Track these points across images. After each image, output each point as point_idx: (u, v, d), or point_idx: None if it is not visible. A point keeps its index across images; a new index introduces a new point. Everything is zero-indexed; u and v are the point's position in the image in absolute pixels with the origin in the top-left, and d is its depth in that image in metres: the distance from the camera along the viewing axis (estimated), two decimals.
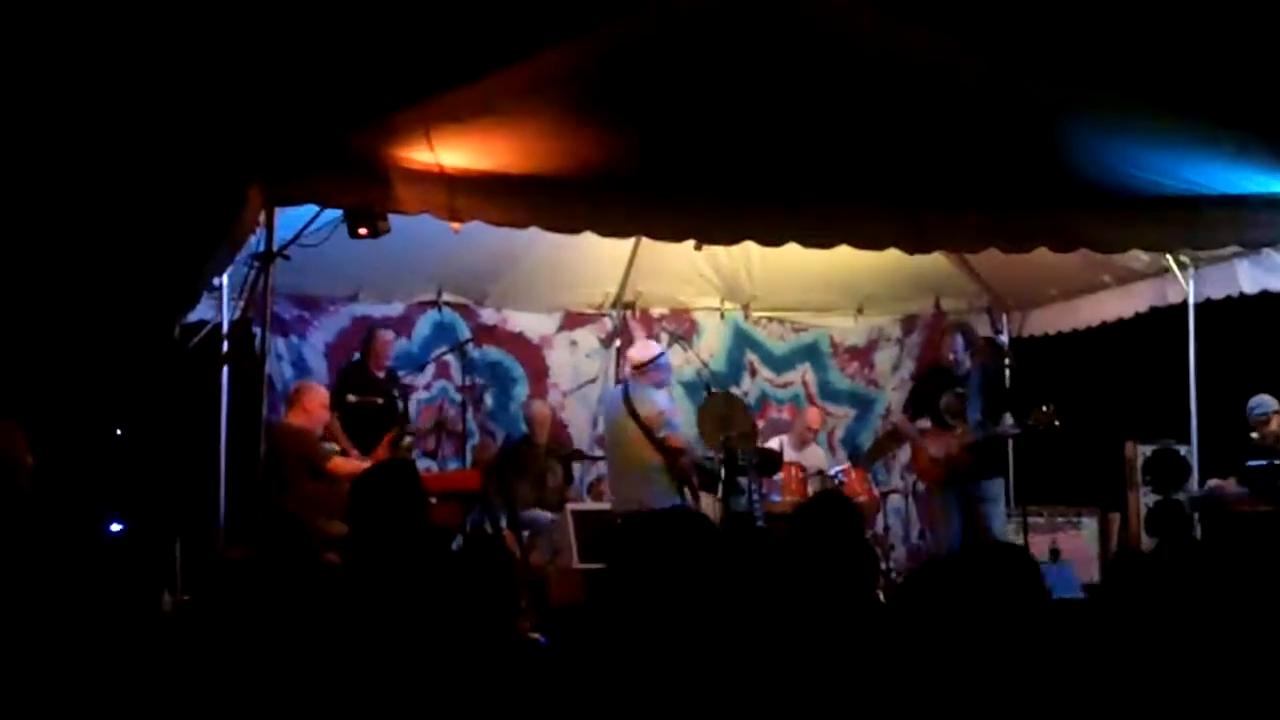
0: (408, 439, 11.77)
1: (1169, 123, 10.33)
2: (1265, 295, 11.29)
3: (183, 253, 11.29)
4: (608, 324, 14.57)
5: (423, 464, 12.31)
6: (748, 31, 10.17)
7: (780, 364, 15.02)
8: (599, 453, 13.57)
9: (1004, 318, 14.55)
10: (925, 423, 11.82)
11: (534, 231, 9.14)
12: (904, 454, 14.48)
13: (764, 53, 10.02)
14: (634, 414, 11.53)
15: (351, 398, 12.10)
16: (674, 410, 11.78)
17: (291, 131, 9.82)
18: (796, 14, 10.35)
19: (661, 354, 11.78)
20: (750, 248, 11.88)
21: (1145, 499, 13.08)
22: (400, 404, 12.64)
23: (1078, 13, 15.61)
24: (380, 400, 12.37)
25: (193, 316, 11.38)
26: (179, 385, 11.27)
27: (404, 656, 5.09)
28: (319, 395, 11.27)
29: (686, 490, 11.57)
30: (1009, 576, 4.94)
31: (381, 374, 12.65)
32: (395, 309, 13.68)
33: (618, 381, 13.68)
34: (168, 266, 12.06)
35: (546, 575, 11.52)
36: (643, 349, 11.95)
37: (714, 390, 12.10)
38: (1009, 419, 11.24)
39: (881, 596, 9.46)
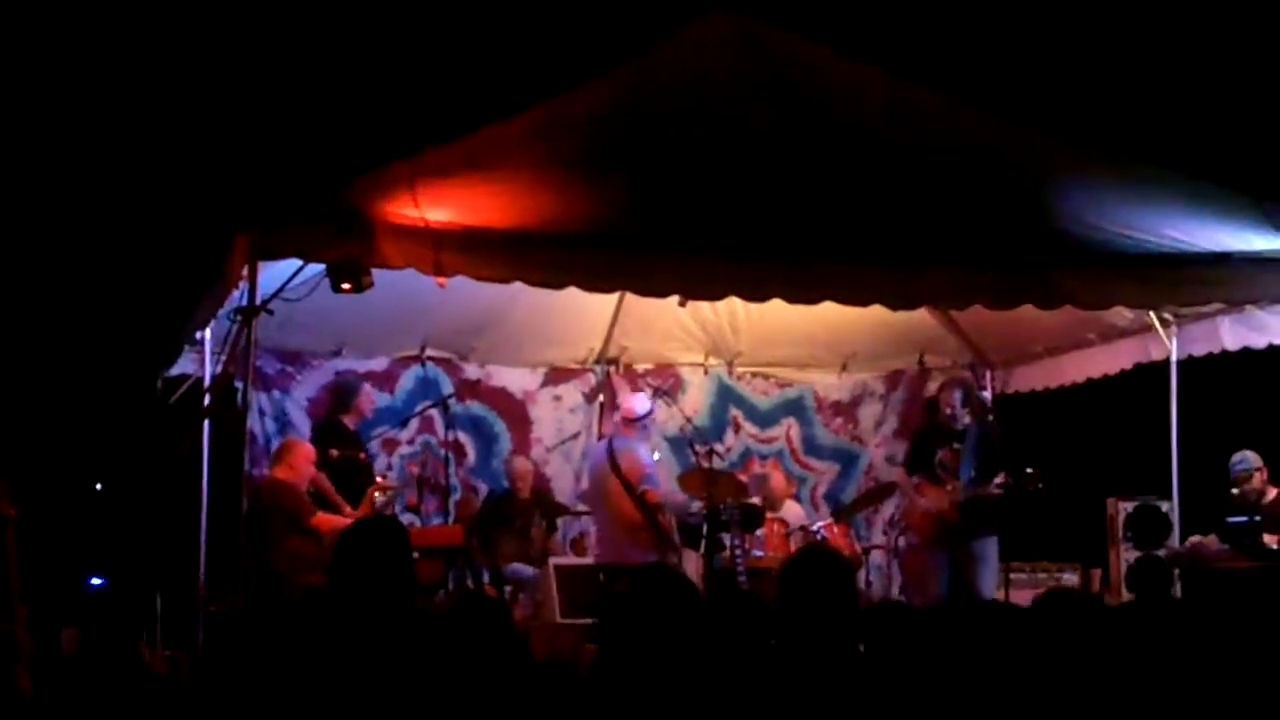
0: (379, 496, 11.74)
1: (1154, 180, 10.34)
2: (1247, 352, 11.33)
3: (166, 306, 11.28)
4: (591, 379, 14.56)
5: (405, 518, 12.25)
6: (734, 88, 10.19)
7: (765, 419, 14.98)
8: (582, 507, 13.56)
9: (988, 374, 14.58)
10: (917, 479, 11.83)
11: (518, 287, 9.12)
12: (887, 509, 14.49)
13: (750, 108, 10.05)
14: (616, 468, 11.57)
15: (334, 452, 12.04)
16: (654, 466, 11.83)
17: (277, 185, 9.80)
18: (782, 70, 10.38)
19: (651, 409, 11.91)
20: (735, 303, 11.91)
21: (1126, 555, 13.07)
22: (369, 459, 12.62)
23: (1064, 70, 15.69)
24: (362, 454, 12.32)
25: (175, 370, 11.37)
26: (160, 440, 11.24)
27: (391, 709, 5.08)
28: (306, 451, 11.26)
29: (667, 547, 11.61)
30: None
31: (354, 428, 12.58)
32: (379, 364, 13.65)
33: (600, 437, 13.71)
34: (150, 320, 12.05)
35: (529, 630, 11.48)
36: (636, 403, 12.06)
37: (697, 447, 12.10)
38: (998, 480, 11.23)
39: None
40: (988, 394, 14.18)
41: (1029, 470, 11.03)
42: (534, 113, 9.95)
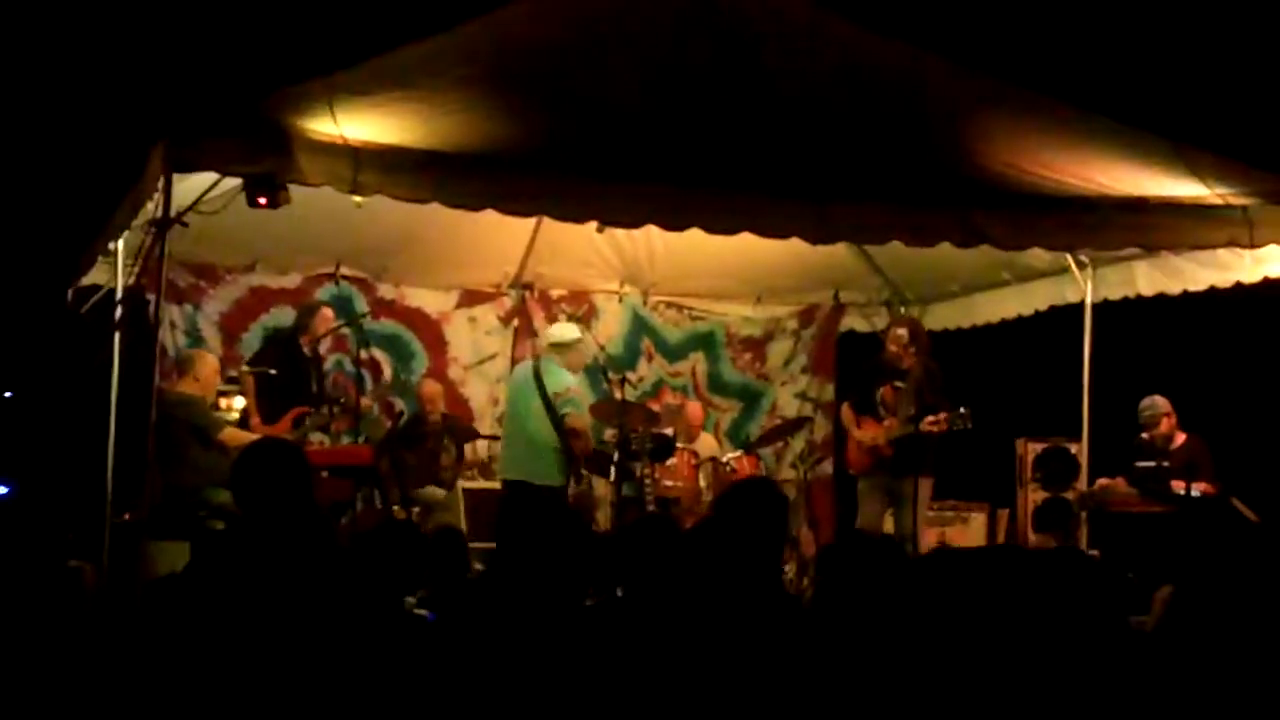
0: (308, 420, 11.65)
1: (1076, 122, 10.37)
2: (1162, 298, 11.42)
3: (78, 216, 11.15)
4: (507, 303, 14.49)
5: (313, 437, 12.16)
6: (657, 17, 10.12)
7: (673, 353, 14.97)
8: (496, 431, 13.50)
9: (903, 311, 14.62)
10: (856, 414, 11.88)
11: (435, 208, 9.01)
12: (797, 443, 14.56)
13: (674, 37, 9.99)
14: (541, 388, 11.51)
15: (245, 367, 11.94)
16: (578, 391, 11.81)
17: (195, 96, 9.70)
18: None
19: (579, 339, 11.87)
20: (652, 232, 11.87)
21: (1035, 496, 13.16)
22: (315, 385, 12.47)
23: (988, 10, 15.66)
24: (274, 371, 12.14)
25: (86, 281, 11.24)
26: (70, 349, 11.14)
27: (285, 629, 5.06)
28: (211, 364, 11.16)
29: (576, 472, 11.62)
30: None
31: (308, 351, 12.39)
32: (292, 280, 13.54)
33: (516, 359, 13.72)
34: (62, 229, 11.90)
35: None
36: (564, 330, 12.03)
37: (610, 375, 12.11)
38: (932, 418, 11.23)
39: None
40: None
41: (962, 410, 11.07)
42: (457, 33, 9.87)
